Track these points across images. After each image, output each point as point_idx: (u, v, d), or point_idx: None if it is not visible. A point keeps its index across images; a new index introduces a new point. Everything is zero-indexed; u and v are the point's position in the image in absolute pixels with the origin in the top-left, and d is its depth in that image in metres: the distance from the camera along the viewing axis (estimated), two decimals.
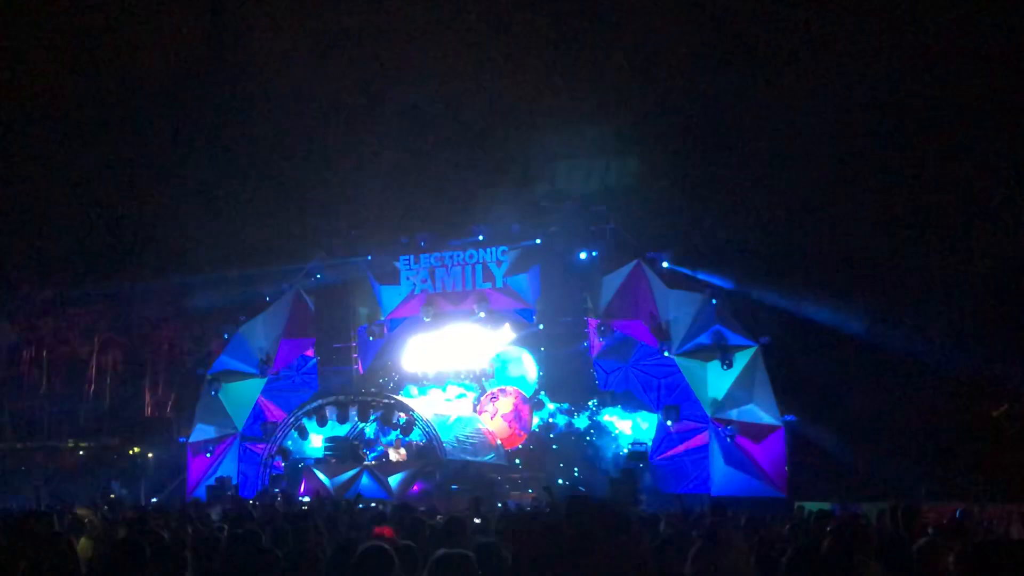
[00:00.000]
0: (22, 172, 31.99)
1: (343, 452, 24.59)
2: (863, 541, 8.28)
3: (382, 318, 28.42)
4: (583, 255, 25.65)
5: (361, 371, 28.33)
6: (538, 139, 27.17)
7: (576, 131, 27.36)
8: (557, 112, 28.28)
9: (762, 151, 27.88)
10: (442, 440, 23.92)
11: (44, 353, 36.08)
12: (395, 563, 5.14)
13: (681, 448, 24.62)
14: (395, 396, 25.86)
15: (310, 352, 28.68)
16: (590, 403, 25.37)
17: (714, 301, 23.96)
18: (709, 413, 23.85)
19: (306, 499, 21.30)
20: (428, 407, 25.64)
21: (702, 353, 24.00)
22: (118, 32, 28.73)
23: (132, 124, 31.29)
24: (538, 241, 26.52)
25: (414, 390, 27.49)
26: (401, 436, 24.65)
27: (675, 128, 27.49)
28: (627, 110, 27.67)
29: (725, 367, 23.56)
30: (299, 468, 25.33)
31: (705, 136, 28.34)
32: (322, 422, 25.14)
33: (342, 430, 25.41)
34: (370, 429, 25.81)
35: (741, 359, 23.62)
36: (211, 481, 26.12)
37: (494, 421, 26.42)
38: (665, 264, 24.98)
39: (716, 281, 24.43)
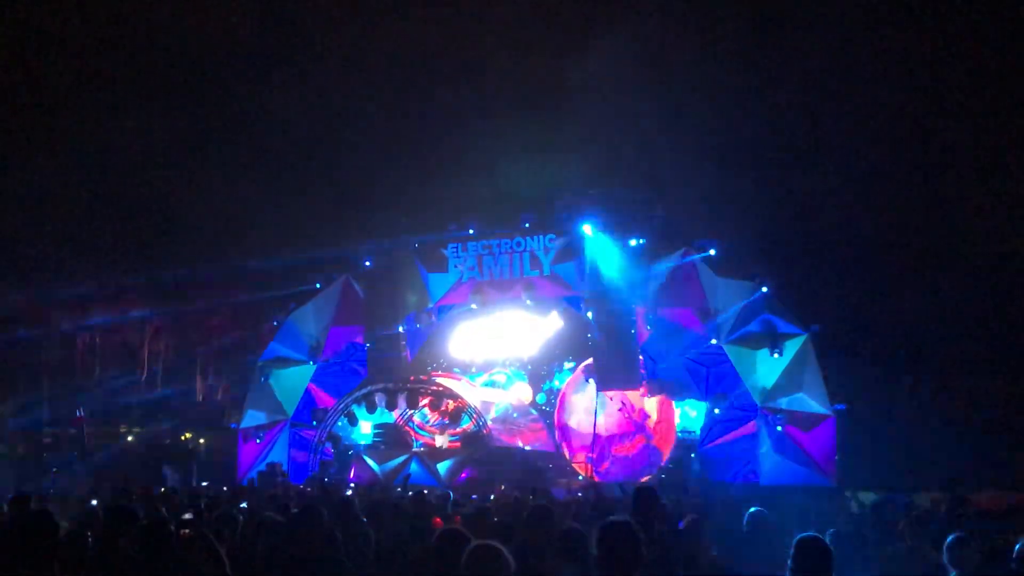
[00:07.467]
0: (71, 159, 32.31)
1: (392, 438, 24.78)
2: None
3: (430, 305, 28.52)
4: (631, 243, 25.54)
5: (410, 358, 28.46)
6: (587, 125, 26.95)
7: (625, 118, 27.23)
8: (606, 98, 28.08)
9: (811, 137, 27.64)
10: (489, 426, 24.03)
11: (96, 341, 36.58)
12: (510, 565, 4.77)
13: (730, 436, 24.42)
14: (443, 383, 25.98)
15: (359, 339, 28.79)
16: (638, 391, 25.31)
17: (763, 289, 23.80)
18: (758, 401, 23.73)
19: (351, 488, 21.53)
20: (476, 394, 25.71)
21: (751, 341, 23.85)
22: (167, 15, 28.87)
23: (182, 110, 31.57)
24: (586, 229, 26.46)
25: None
26: (448, 422, 24.81)
27: (723, 116, 27.24)
28: (677, 99, 27.45)
29: (775, 355, 23.43)
30: (349, 454, 25.56)
31: (756, 123, 28.11)
32: (371, 409, 25.34)
33: (391, 417, 25.59)
34: (419, 416, 25.97)
35: (791, 348, 23.46)
36: (262, 467, 26.41)
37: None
38: (712, 252, 24.85)
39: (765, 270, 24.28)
